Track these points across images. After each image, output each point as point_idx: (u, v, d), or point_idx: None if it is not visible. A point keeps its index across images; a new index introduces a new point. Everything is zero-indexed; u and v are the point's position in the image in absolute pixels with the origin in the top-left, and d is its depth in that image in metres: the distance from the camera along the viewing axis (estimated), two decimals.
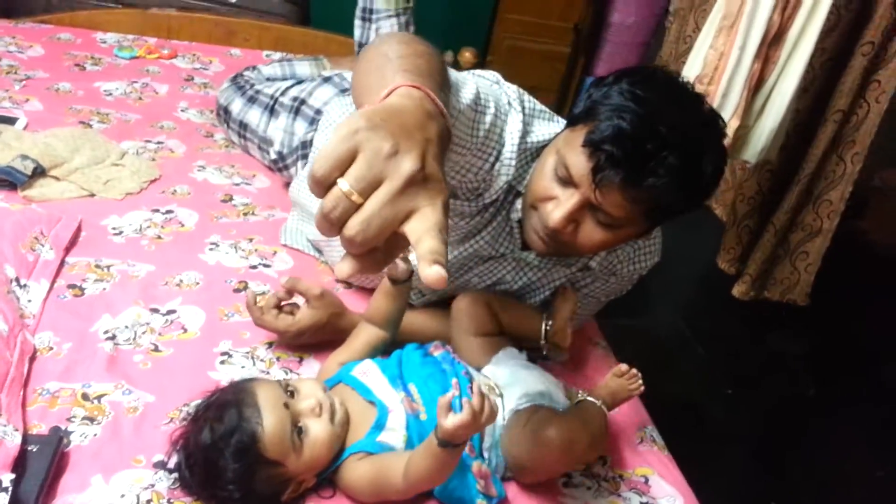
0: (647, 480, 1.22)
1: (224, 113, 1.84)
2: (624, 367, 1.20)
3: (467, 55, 2.47)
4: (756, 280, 2.74)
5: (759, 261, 2.69)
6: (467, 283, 1.32)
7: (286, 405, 1.01)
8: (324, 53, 2.12)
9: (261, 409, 0.98)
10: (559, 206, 1.07)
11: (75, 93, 1.95)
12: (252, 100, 1.79)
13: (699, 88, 1.94)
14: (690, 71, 2.01)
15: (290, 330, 1.25)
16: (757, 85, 1.93)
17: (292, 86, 1.73)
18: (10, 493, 0.92)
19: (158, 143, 1.82)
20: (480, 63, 3.48)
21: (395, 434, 1.05)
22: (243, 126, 1.80)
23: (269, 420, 0.97)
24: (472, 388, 1.11)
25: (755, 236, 2.75)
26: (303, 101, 1.68)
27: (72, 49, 2.14)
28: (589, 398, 1.17)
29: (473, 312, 1.25)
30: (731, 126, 1.95)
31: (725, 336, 2.65)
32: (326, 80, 1.72)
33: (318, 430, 1.01)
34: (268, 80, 1.83)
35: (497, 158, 1.14)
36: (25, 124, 1.76)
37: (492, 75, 1.21)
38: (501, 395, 1.16)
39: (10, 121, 1.74)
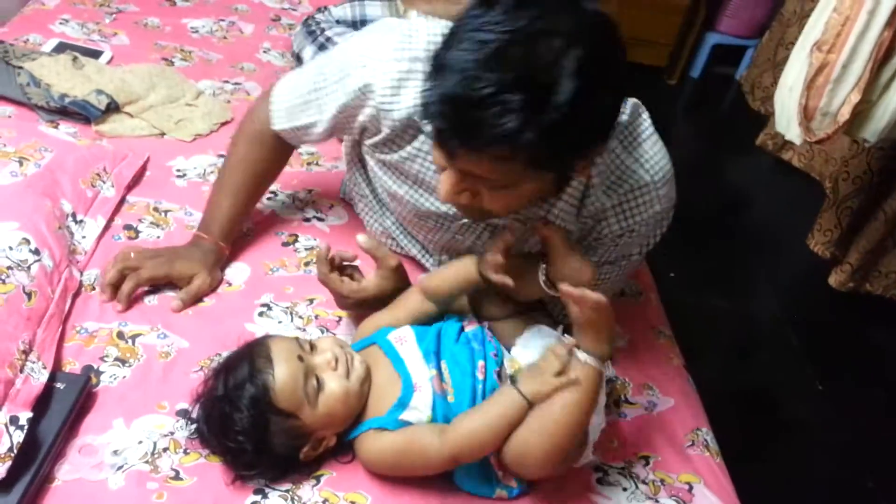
0: (690, 489, 1.12)
1: (297, 60, 1.81)
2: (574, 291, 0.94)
3: None
4: (857, 270, 2.49)
5: (862, 250, 2.44)
6: (461, 245, 1.24)
7: (300, 358, 0.99)
8: None
9: (273, 360, 0.97)
10: (443, 180, 0.97)
11: (163, 28, 1.96)
12: (322, 48, 1.74)
13: (817, 56, 1.74)
14: (810, 35, 1.80)
15: (352, 296, 1.17)
16: (885, 56, 1.69)
17: None
18: (25, 430, 0.94)
19: (236, 84, 1.81)
20: None
21: (419, 414, 1.00)
22: None
23: (281, 370, 0.96)
24: (499, 372, 1.05)
25: (858, 221, 2.49)
26: None
27: None
28: (584, 357, 0.96)
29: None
30: (852, 100, 1.73)
31: (824, 326, 2.44)
32: None
33: (333, 383, 0.99)
34: (337, 22, 1.77)
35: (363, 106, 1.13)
36: (110, 58, 1.78)
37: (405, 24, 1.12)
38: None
39: (95, 54, 1.76)
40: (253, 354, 0.99)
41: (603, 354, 0.96)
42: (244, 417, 0.95)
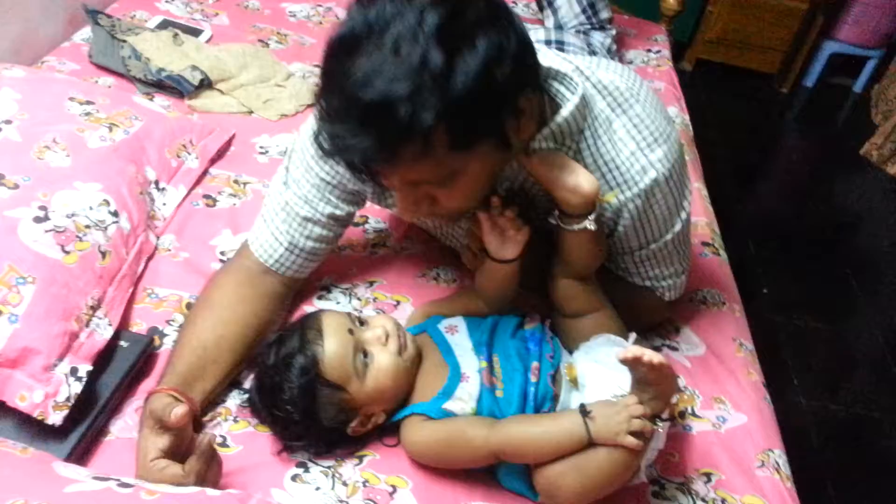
0: None
1: None
2: (628, 353, 0.85)
3: (671, 1, 2.23)
4: None
5: None
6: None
7: (351, 331, 0.98)
8: None
9: (323, 332, 0.97)
10: (397, 199, 0.94)
11: (262, 11, 2.01)
12: None
13: None
14: None
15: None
16: None
17: None
18: (83, 382, 0.97)
19: None
20: (696, 10, 3.15)
21: (463, 405, 0.97)
22: None
23: (331, 342, 0.96)
24: (553, 376, 1.00)
25: None
26: None
27: None
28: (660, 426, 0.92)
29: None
30: None
31: None
32: None
33: (382, 358, 0.97)
34: None
35: None
36: (209, 37, 1.84)
37: None
38: (579, 388, 1.02)
39: (196, 32, 1.83)
40: (304, 327, 0.99)
41: (659, 412, 0.90)
42: (293, 387, 0.95)
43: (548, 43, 1.83)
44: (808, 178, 2.95)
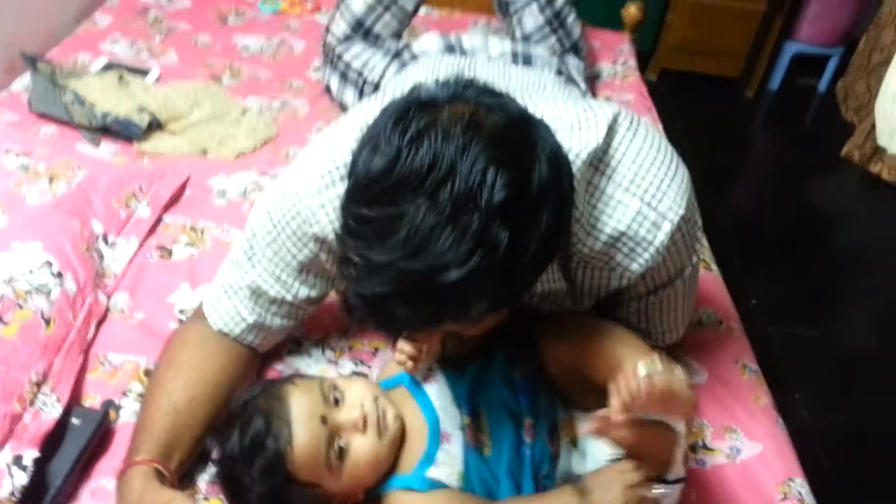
0: None
1: (328, 91, 1.74)
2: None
3: (633, 10, 2.19)
4: None
5: None
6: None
7: (323, 419, 0.85)
8: None
9: (292, 423, 0.84)
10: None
11: (213, 46, 1.91)
12: (344, 76, 1.67)
13: None
14: None
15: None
16: None
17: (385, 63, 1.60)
18: (28, 472, 0.85)
19: (283, 102, 1.74)
20: (657, 20, 3.12)
21: (448, 469, 0.87)
22: (343, 108, 1.69)
23: (301, 438, 0.83)
24: (550, 433, 0.90)
25: None
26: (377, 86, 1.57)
27: (219, 1, 2.11)
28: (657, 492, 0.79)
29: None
30: None
31: None
32: (396, 56, 1.60)
33: (360, 448, 0.86)
34: (346, 39, 1.67)
35: None
36: (157, 77, 1.74)
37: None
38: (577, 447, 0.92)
39: (143, 73, 1.73)
40: (270, 412, 0.85)
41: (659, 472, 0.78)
42: (258, 487, 0.84)
43: (514, 56, 1.74)
44: (782, 182, 2.91)
